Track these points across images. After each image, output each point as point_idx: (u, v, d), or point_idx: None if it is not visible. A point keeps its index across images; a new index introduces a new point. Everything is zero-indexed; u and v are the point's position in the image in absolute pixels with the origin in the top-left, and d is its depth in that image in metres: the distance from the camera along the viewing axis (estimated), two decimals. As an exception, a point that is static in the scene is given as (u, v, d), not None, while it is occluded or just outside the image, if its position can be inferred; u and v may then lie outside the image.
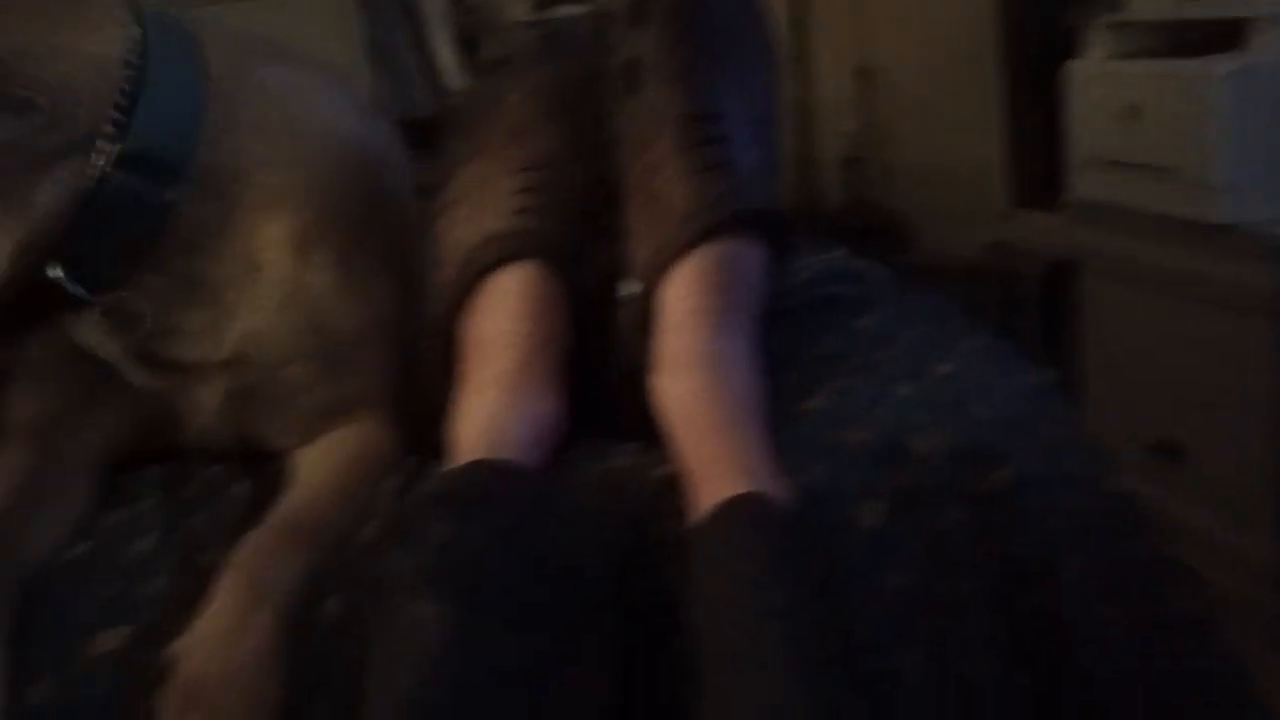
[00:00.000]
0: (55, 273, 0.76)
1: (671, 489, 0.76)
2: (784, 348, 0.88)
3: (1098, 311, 1.86)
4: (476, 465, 0.75)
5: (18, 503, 0.80)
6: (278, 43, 0.95)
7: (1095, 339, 1.87)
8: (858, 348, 0.88)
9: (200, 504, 0.85)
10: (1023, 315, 2.21)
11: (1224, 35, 1.56)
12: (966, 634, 0.79)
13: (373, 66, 2.54)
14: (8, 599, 0.72)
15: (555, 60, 0.94)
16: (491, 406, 0.80)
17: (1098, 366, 1.86)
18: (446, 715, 0.60)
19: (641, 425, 0.81)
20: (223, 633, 0.69)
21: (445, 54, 2.68)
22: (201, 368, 0.86)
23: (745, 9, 0.92)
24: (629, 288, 0.85)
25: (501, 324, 0.84)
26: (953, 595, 0.79)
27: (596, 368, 0.87)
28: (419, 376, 0.90)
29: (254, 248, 0.85)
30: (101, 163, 0.76)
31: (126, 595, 0.75)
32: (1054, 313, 2.08)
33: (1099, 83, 1.75)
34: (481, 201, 0.88)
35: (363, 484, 0.84)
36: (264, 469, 0.89)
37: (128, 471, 0.90)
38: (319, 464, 0.86)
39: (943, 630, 0.78)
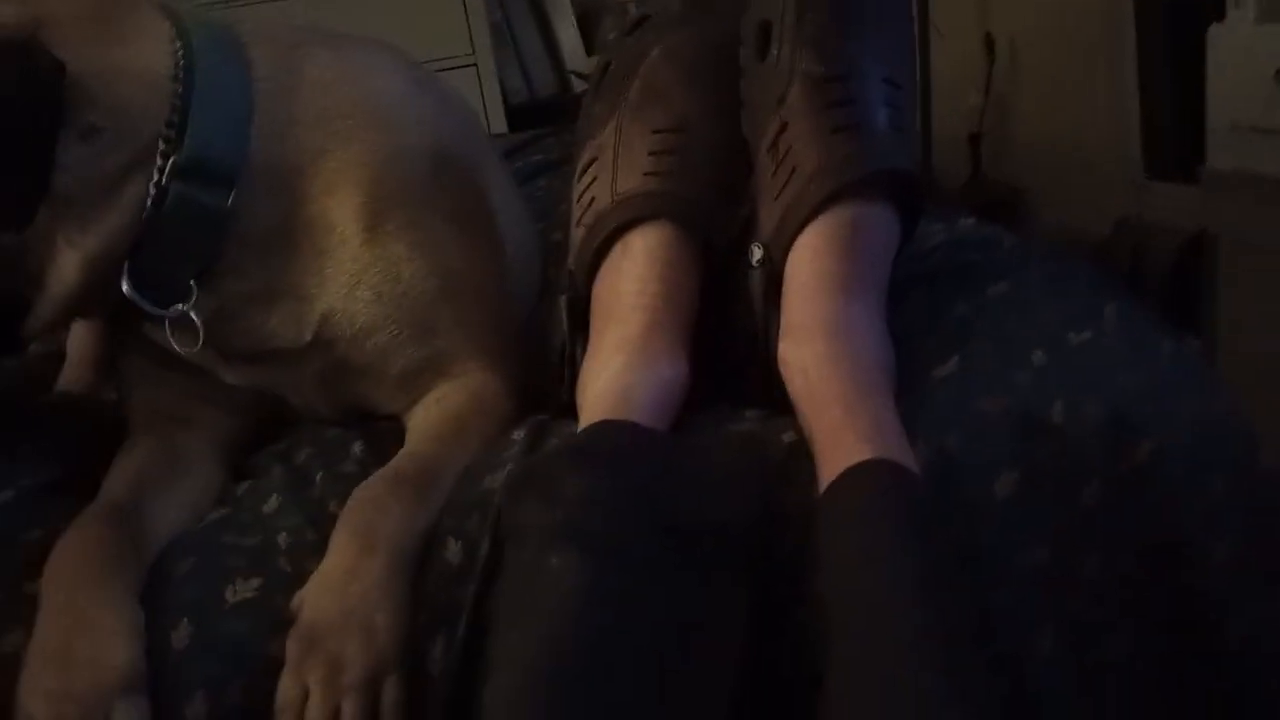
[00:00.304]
0: (126, 288, 0.80)
1: (798, 456, 0.76)
2: (915, 314, 0.86)
3: (1235, 287, 1.77)
4: (608, 425, 0.75)
5: (142, 485, 0.84)
6: (320, 27, 0.96)
7: (1231, 316, 1.79)
8: (991, 315, 0.85)
9: (321, 465, 0.88)
10: (1153, 293, 2.12)
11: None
12: (1103, 611, 0.77)
13: (496, 49, 2.58)
14: (137, 563, 0.76)
15: (695, 21, 0.93)
16: (620, 368, 0.80)
17: (1233, 346, 1.78)
18: (577, 667, 0.60)
19: (768, 392, 0.81)
20: (335, 579, 0.72)
21: (567, 35, 2.70)
22: (289, 354, 0.88)
23: None
24: (758, 252, 0.84)
25: (632, 285, 0.84)
26: (1089, 572, 0.76)
27: (724, 332, 0.86)
28: (546, 333, 0.90)
29: (322, 233, 0.86)
30: (160, 177, 0.79)
31: (258, 549, 0.78)
32: (1186, 290, 2.00)
33: (1245, 47, 1.67)
34: (616, 163, 0.88)
35: (474, 433, 0.85)
36: (379, 429, 0.92)
37: (254, 447, 0.93)
38: (427, 419, 0.88)
39: (1078, 607, 0.76)
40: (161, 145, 0.79)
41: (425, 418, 0.89)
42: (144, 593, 0.74)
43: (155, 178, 0.78)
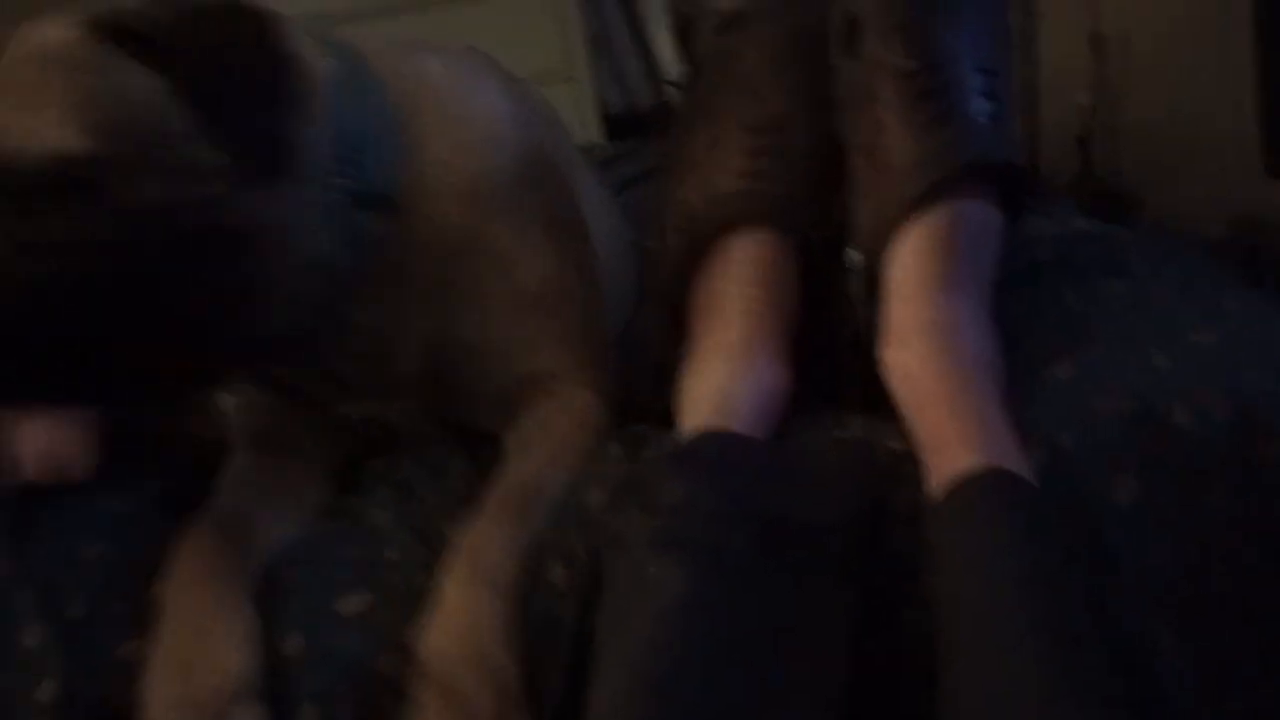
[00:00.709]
0: None
1: (905, 462, 0.74)
2: (1026, 312, 0.83)
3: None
4: (708, 433, 0.74)
5: (250, 497, 0.85)
6: (417, 40, 0.95)
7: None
8: (1107, 312, 0.82)
9: (425, 481, 0.88)
10: (1273, 294, 2.02)
11: None
12: (1228, 615, 0.74)
13: (593, 61, 2.60)
14: (250, 572, 0.77)
15: (786, 18, 0.92)
16: (719, 375, 0.79)
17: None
18: (681, 675, 0.60)
19: (870, 397, 0.79)
20: (457, 624, 0.71)
21: (663, 45, 2.71)
22: (401, 380, 0.87)
23: None
24: (855, 254, 0.82)
25: (729, 289, 0.83)
26: (1215, 575, 0.73)
27: (825, 335, 0.85)
28: (643, 341, 0.90)
29: (433, 249, 0.85)
30: (344, 210, 0.78)
31: (367, 563, 0.78)
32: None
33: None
34: (710, 164, 0.87)
35: (573, 451, 0.84)
36: (482, 444, 0.91)
37: (360, 461, 0.93)
38: (529, 438, 0.87)
39: (1203, 610, 0.73)
40: (340, 179, 0.78)
41: (524, 437, 0.87)
42: (255, 602, 0.76)
43: (344, 210, 0.78)
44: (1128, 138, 2.61)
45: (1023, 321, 0.82)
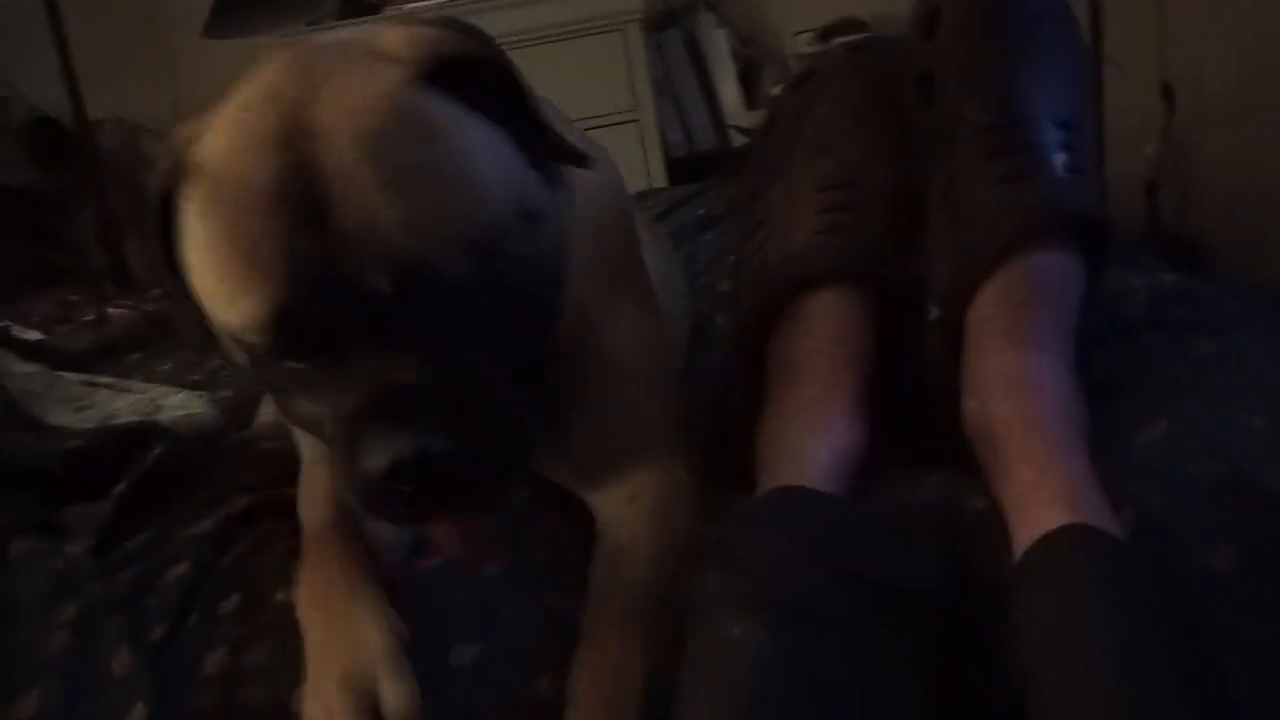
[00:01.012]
0: None
1: (988, 523, 0.72)
2: (1116, 371, 0.81)
3: None
4: (787, 490, 0.73)
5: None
6: None
7: None
8: (1201, 373, 0.80)
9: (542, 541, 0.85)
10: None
11: None
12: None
13: (657, 103, 2.62)
14: (372, 563, 0.77)
15: (860, 73, 0.92)
16: (798, 431, 0.78)
17: None
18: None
19: (951, 452, 0.77)
20: None
21: (728, 89, 2.73)
22: None
23: (1050, 8, 0.87)
24: (935, 309, 0.81)
25: (806, 345, 0.82)
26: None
27: (903, 390, 0.83)
28: (721, 399, 0.89)
29: None
30: None
31: (478, 613, 0.77)
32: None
33: None
34: (786, 220, 0.87)
35: (676, 534, 0.81)
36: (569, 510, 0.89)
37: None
38: (628, 528, 0.83)
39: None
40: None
41: (624, 523, 0.84)
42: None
43: None
44: (1197, 187, 2.58)
45: (1111, 378, 0.80)
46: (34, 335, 1.54)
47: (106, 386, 1.19)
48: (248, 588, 0.79)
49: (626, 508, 0.84)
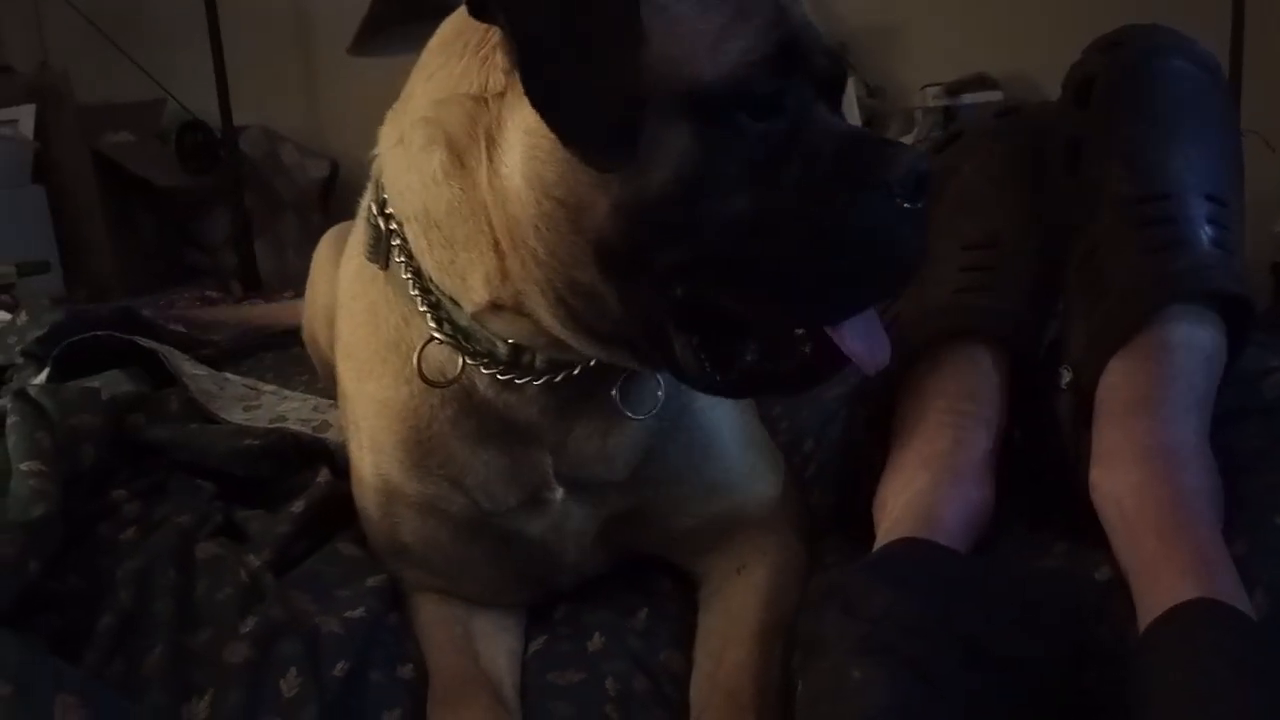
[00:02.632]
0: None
1: (1112, 594, 0.71)
2: (1252, 448, 0.79)
3: None
4: (912, 542, 0.73)
5: (470, 644, 0.85)
6: None
7: None
8: (1342, 456, 0.78)
9: (640, 605, 0.88)
10: None
11: None
12: None
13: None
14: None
15: (1007, 136, 0.92)
16: (925, 485, 0.79)
17: None
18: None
19: (1078, 519, 0.77)
20: None
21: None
22: (597, 489, 0.83)
23: (1203, 79, 0.87)
24: (1068, 374, 0.81)
25: (940, 400, 0.83)
26: None
27: (1033, 453, 0.83)
28: (844, 452, 0.89)
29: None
30: None
31: (591, 686, 0.79)
32: None
33: None
34: (927, 278, 0.87)
35: (787, 609, 0.80)
36: (661, 593, 0.89)
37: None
38: (738, 603, 0.83)
39: None
40: None
41: (734, 598, 0.84)
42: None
43: None
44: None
45: (1250, 459, 0.78)
46: (178, 328, 1.61)
47: (271, 392, 1.25)
48: (419, 662, 0.82)
49: (736, 579, 0.85)
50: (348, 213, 0.91)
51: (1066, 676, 0.69)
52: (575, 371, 0.77)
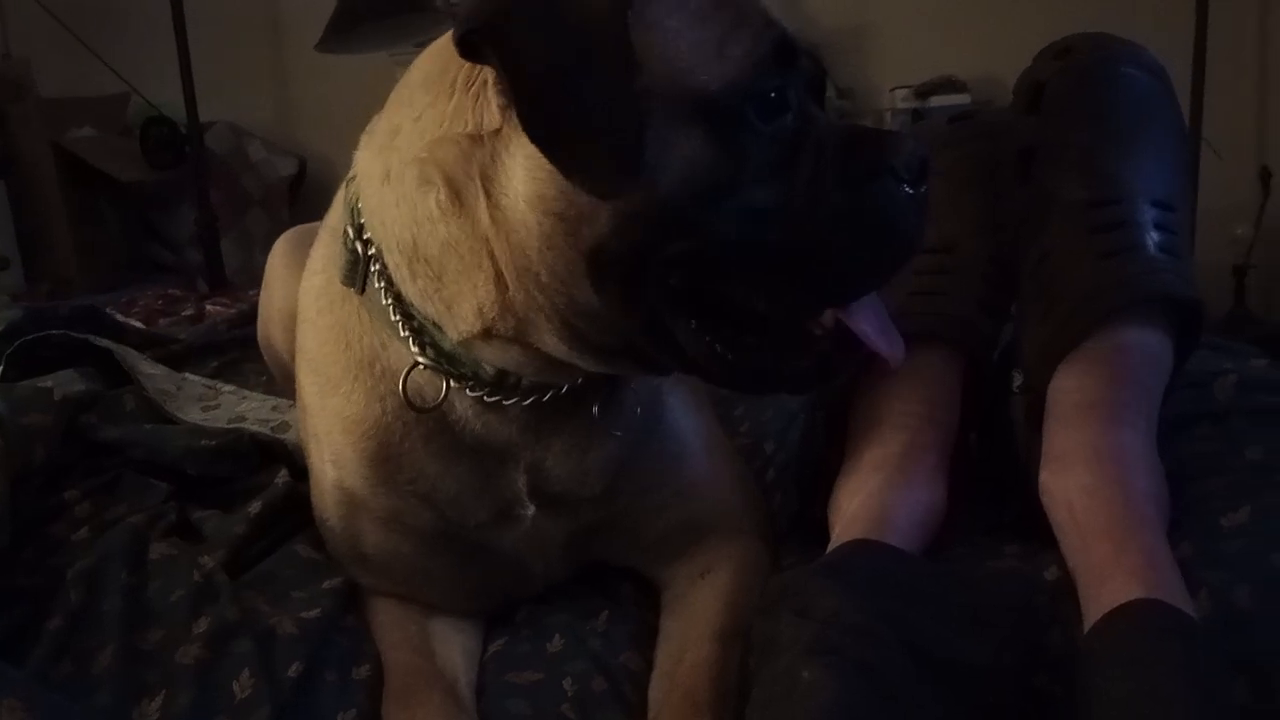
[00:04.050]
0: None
1: (1061, 596, 0.72)
2: (1201, 453, 0.81)
3: None
4: (863, 544, 0.74)
5: (426, 644, 0.84)
6: None
7: None
8: (1287, 462, 0.80)
9: (601, 608, 0.87)
10: None
11: None
12: None
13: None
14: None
15: (961, 143, 0.93)
16: (877, 487, 0.79)
17: None
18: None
19: (1029, 521, 0.78)
20: None
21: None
22: (569, 504, 0.83)
23: (1152, 86, 0.88)
24: (1020, 378, 0.82)
25: (893, 403, 0.83)
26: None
27: (986, 456, 0.84)
28: (802, 453, 0.90)
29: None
30: None
31: (550, 686, 0.79)
32: None
33: None
34: None
35: (743, 623, 0.79)
36: (620, 595, 0.89)
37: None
38: (700, 604, 0.83)
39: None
40: None
41: (696, 601, 0.84)
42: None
43: None
44: (1289, 275, 2.54)
45: (1197, 463, 0.79)
46: (137, 324, 1.59)
47: (230, 391, 1.24)
48: (375, 662, 0.81)
49: (700, 582, 0.85)
50: (315, 210, 0.90)
51: (1016, 677, 0.70)
52: (562, 391, 0.77)
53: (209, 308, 1.93)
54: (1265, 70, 2.51)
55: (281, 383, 1.19)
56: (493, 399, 0.76)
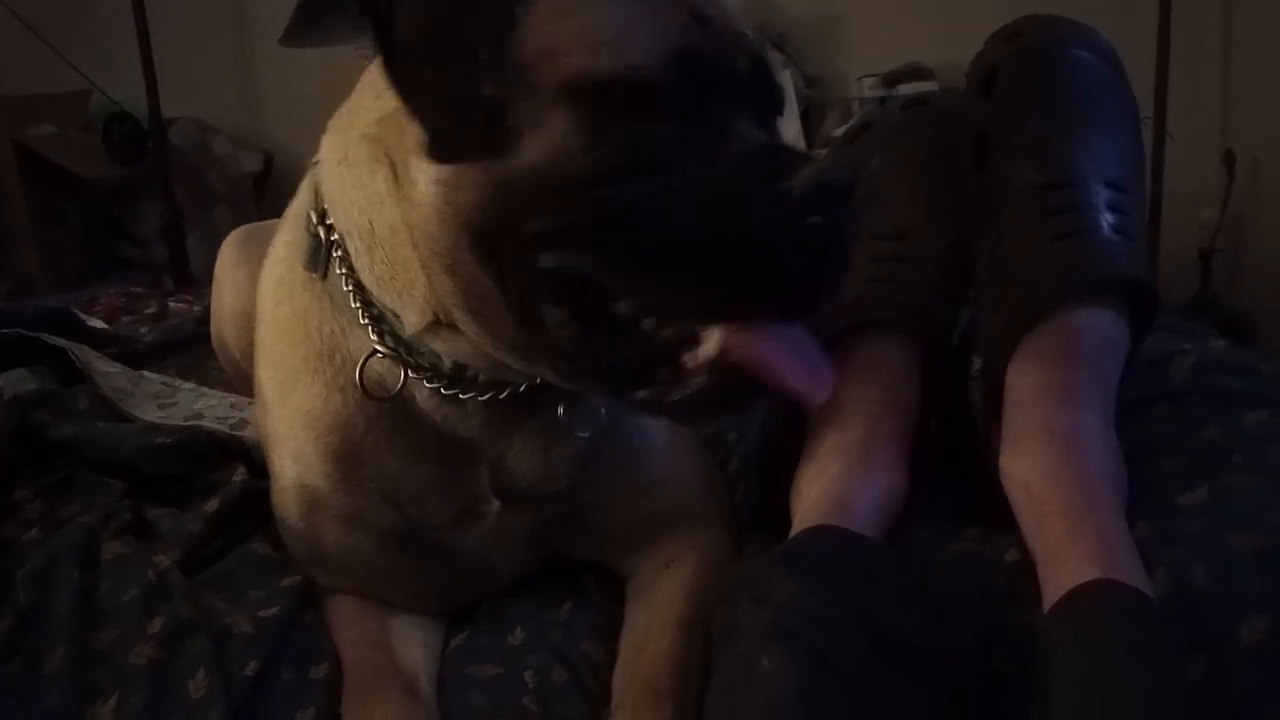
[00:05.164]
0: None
1: (1020, 578, 0.72)
2: (1159, 434, 0.81)
3: None
4: (823, 530, 0.74)
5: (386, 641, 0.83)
6: None
7: None
8: (1248, 444, 0.79)
9: (564, 599, 0.87)
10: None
11: None
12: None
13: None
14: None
15: (916, 129, 0.93)
16: (837, 473, 0.79)
17: None
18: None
19: (989, 504, 0.78)
20: None
21: (790, 130, 2.74)
22: (531, 500, 0.82)
23: (1103, 69, 0.88)
24: (978, 362, 0.82)
25: (853, 390, 0.83)
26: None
27: (946, 440, 0.84)
28: (763, 442, 0.89)
29: None
30: None
31: (510, 679, 0.78)
32: None
33: None
34: None
35: (705, 598, 0.79)
36: (584, 588, 0.89)
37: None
38: (663, 594, 0.83)
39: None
40: None
41: (659, 591, 0.84)
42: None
43: None
44: (1251, 258, 2.56)
45: (1154, 444, 0.80)
46: (98, 324, 1.58)
47: (188, 389, 1.22)
48: (334, 660, 0.80)
49: (664, 572, 0.85)
50: (282, 206, 0.89)
51: (975, 660, 0.70)
52: (521, 389, 0.76)
53: (171, 305, 1.90)
54: (1229, 54, 2.52)
55: (236, 382, 1.18)
56: (450, 393, 0.75)
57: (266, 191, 3.14)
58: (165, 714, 0.71)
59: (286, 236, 0.84)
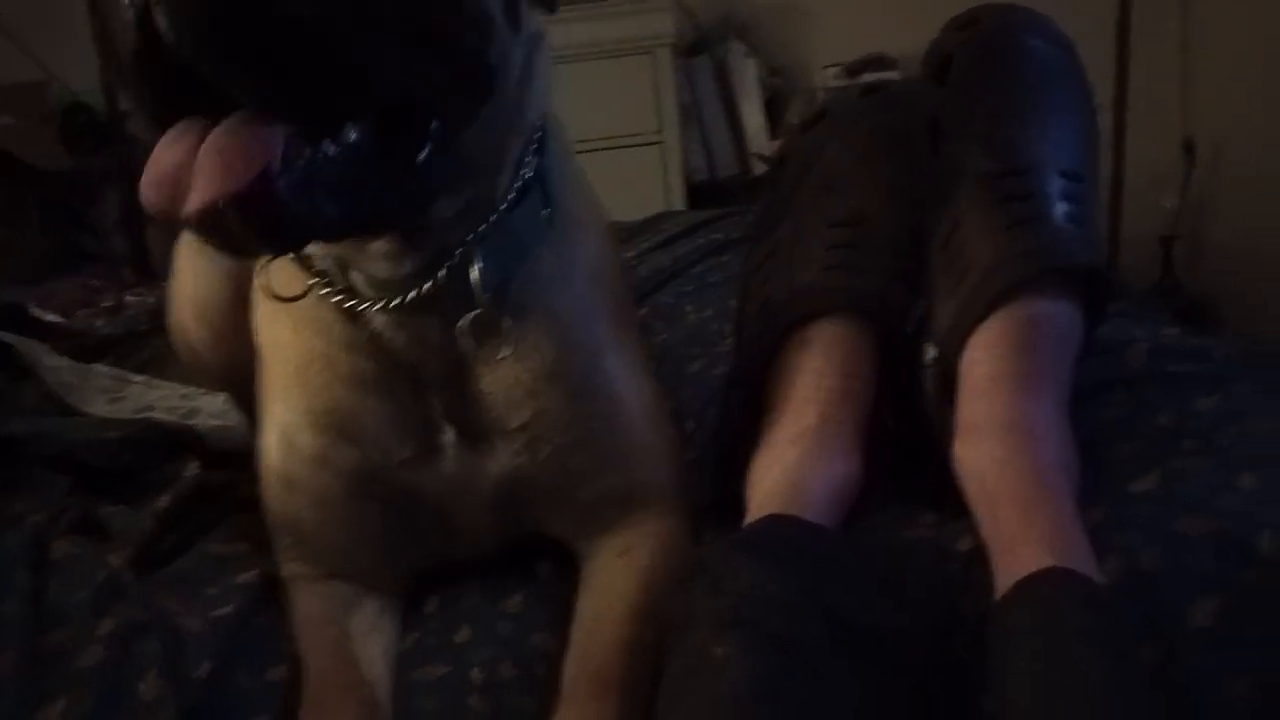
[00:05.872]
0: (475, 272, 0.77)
1: (975, 565, 0.72)
2: (1111, 420, 0.81)
3: None
4: (778, 518, 0.74)
5: (347, 642, 0.83)
6: None
7: None
8: (1198, 429, 0.80)
9: (515, 590, 0.86)
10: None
11: None
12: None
13: (682, 128, 2.64)
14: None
15: (872, 115, 0.93)
16: (793, 462, 0.79)
17: None
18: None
19: (943, 493, 0.78)
20: None
21: (753, 118, 2.74)
22: (498, 435, 0.83)
23: (1058, 57, 0.88)
24: (932, 350, 0.82)
25: (808, 378, 0.83)
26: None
27: (900, 429, 0.84)
28: (719, 429, 0.89)
29: (543, 344, 0.83)
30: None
31: (456, 679, 0.77)
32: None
33: None
34: (792, 257, 0.88)
35: (662, 593, 0.80)
36: (539, 577, 0.88)
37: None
38: (615, 583, 0.83)
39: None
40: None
41: (613, 580, 0.84)
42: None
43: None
44: (1212, 244, 2.59)
45: (1108, 430, 0.80)
46: (53, 318, 1.56)
47: (140, 382, 1.21)
48: (292, 663, 0.79)
49: (618, 561, 0.85)
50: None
51: (932, 648, 0.70)
52: (424, 289, 0.76)
53: (128, 298, 1.88)
54: (1188, 42, 2.54)
55: (194, 372, 1.17)
56: (350, 303, 0.77)
57: (229, 182, 3.10)
58: (114, 717, 0.70)
59: None
